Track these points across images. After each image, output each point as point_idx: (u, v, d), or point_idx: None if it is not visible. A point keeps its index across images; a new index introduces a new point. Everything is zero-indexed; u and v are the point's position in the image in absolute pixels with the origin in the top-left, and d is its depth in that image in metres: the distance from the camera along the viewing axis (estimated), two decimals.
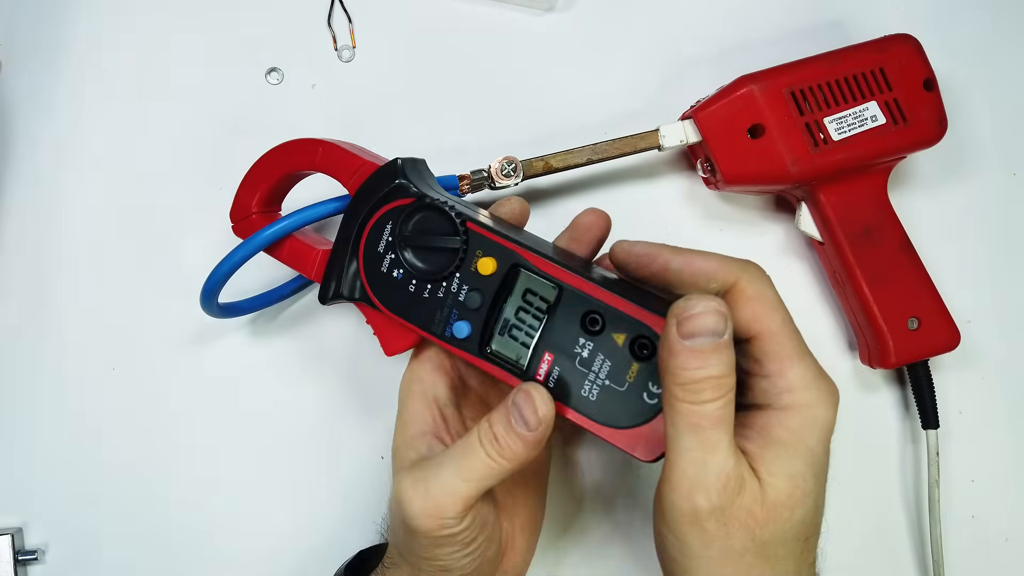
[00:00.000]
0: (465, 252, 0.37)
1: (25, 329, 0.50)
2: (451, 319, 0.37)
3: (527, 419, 0.34)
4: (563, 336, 0.36)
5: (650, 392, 0.34)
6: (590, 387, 0.35)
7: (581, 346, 0.35)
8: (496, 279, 0.36)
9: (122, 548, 0.49)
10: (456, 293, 0.37)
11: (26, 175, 0.51)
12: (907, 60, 0.45)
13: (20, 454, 0.49)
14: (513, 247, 0.36)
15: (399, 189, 0.38)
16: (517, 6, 0.52)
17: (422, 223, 0.37)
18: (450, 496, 0.34)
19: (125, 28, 0.52)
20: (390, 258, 0.38)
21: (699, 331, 0.31)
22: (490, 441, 0.34)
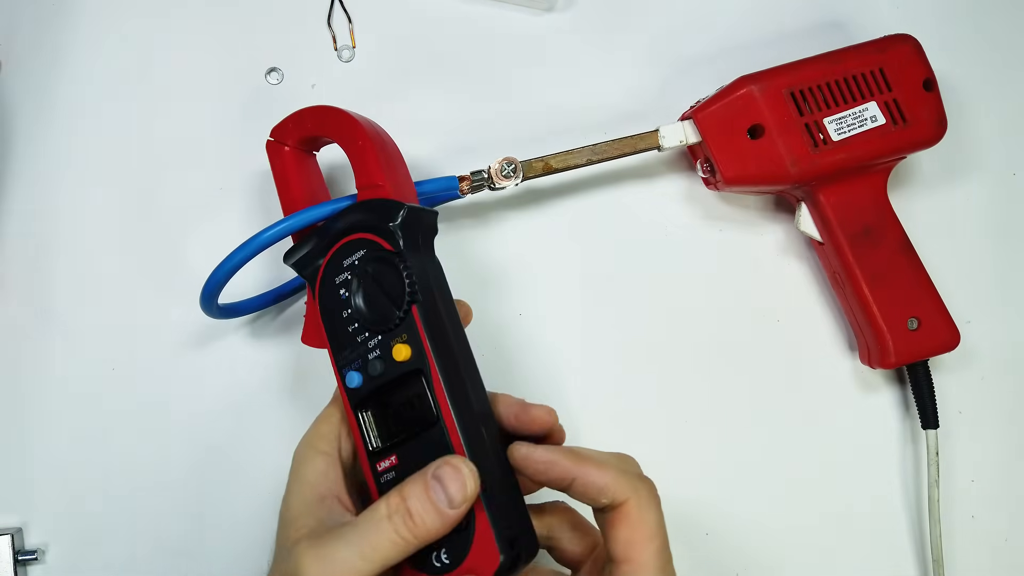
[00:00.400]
0: (396, 326, 0.36)
1: (25, 329, 0.50)
2: (354, 364, 0.38)
3: (452, 496, 0.33)
4: (413, 454, 0.35)
5: (440, 560, 0.34)
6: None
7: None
8: (402, 367, 0.36)
9: (122, 548, 0.49)
10: (369, 351, 0.37)
11: (26, 175, 0.51)
12: (907, 60, 0.45)
13: (20, 454, 0.49)
14: (431, 357, 0.36)
15: (389, 234, 0.37)
16: (517, 6, 0.52)
17: (384, 274, 0.37)
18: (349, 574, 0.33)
19: (125, 28, 0.52)
20: (346, 277, 0.38)
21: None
22: (402, 516, 0.33)
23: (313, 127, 0.42)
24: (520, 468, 0.36)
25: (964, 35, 0.52)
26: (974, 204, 0.51)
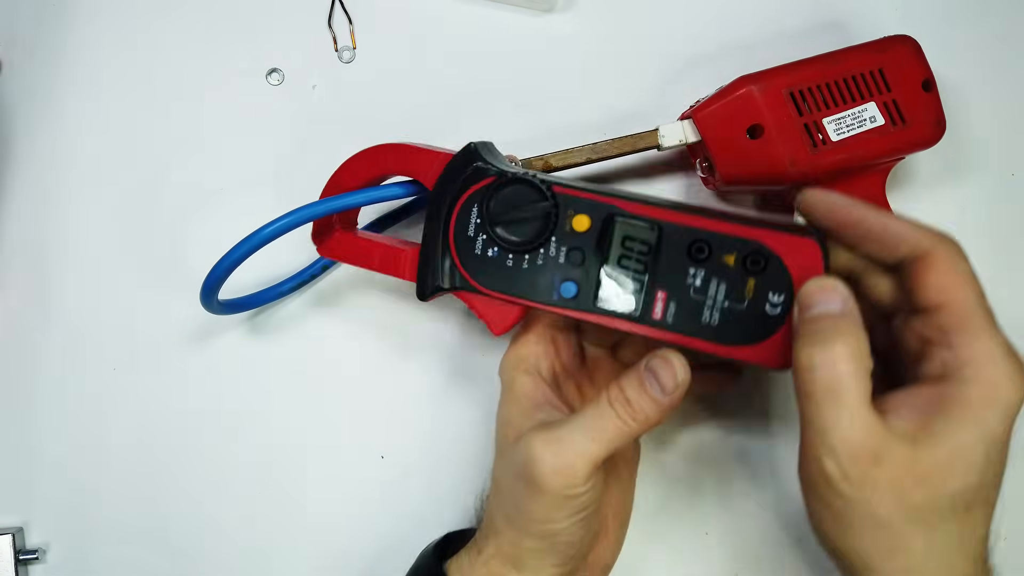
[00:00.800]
0: (557, 215, 0.38)
1: (25, 328, 0.50)
2: (556, 282, 0.38)
3: (664, 384, 0.35)
4: (671, 272, 0.37)
5: (771, 303, 0.36)
6: (710, 313, 0.36)
7: (692, 276, 0.36)
8: (593, 233, 0.38)
9: (122, 548, 0.49)
10: (556, 256, 0.38)
11: (26, 175, 0.51)
12: (906, 61, 0.45)
13: (20, 454, 0.50)
14: (604, 199, 0.37)
15: (478, 172, 0.39)
16: (517, 6, 0.52)
17: (508, 198, 0.38)
18: (582, 456, 0.35)
19: (125, 28, 0.52)
20: (483, 239, 0.39)
21: (814, 303, 0.33)
22: (622, 404, 0.36)
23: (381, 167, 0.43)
24: (811, 208, 0.36)
25: (964, 36, 0.52)
26: (973, 205, 0.51)
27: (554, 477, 0.35)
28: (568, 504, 0.36)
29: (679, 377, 0.35)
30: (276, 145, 0.50)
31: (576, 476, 0.35)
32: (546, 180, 0.38)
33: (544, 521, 0.37)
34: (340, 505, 0.49)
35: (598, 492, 0.37)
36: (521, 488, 0.37)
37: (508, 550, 0.38)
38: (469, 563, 0.39)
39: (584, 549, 0.39)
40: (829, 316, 0.32)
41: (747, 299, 0.36)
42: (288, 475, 0.50)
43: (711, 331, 0.36)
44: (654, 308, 0.37)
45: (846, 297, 0.33)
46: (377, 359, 0.50)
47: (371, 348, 0.50)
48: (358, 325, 0.50)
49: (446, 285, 0.40)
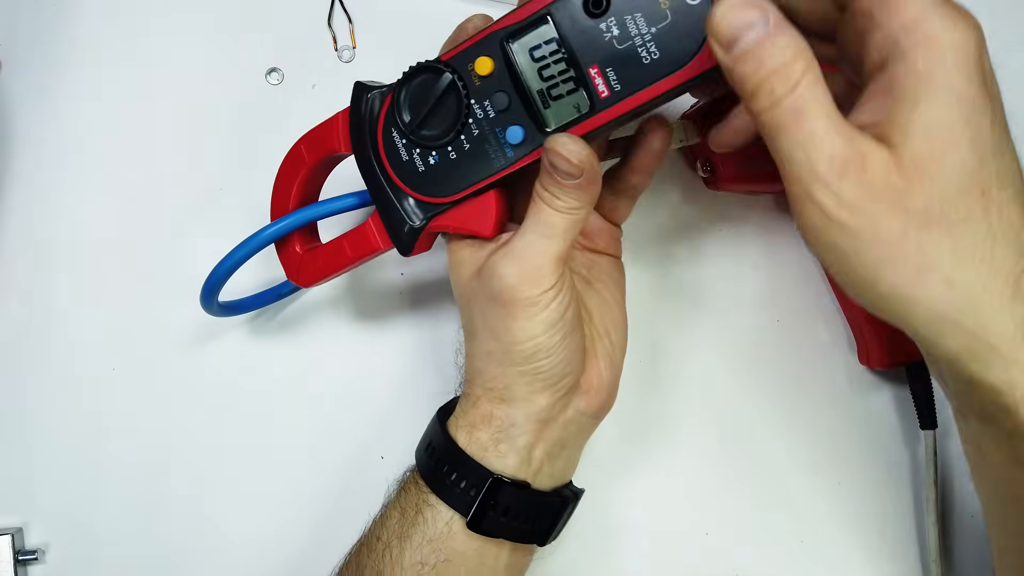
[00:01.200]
0: (460, 78, 0.36)
1: (25, 329, 0.50)
2: (501, 138, 0.36)
3: (568, 171, 0.34)
4: (588, 43, 0.34)
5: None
6: (646, 50, 0.33)
7: (607, 31, 0.34)
8: (500, 68, 0.35)
9: (122, 548, 0.49)
10: (485, 115, 0.36)
11: (26, 175, 0.51)
12: None
13: (20, 454, 0.50)
14: (486, 32, 0.35)
15: (376, 99, 0.38)
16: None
17: (413, 98, 0.37)
18: (541, 255, 0.36)
19: (125, 28, 0.52)
20: (417, 153, 0.37)
21: (738, 33, 0.28)
22: (551, 199, 0.35)
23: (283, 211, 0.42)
24: None
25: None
26: None
27: (522, 285, 0.36)
28: (542, 313, 0.36)
29: (575, 159, 0.34)
30: (276, 145, 0.50)
31: (543, 276, 0.36)
32: (432, 59, 0.37)
33: (524, 340, 0.37)
34: (341, 505, 0.49)
35: (569, 297, 0.37)
36: (493, 313, 0.37)
37: (494, 385, 0.38)
38: (463, 412, 0.40)
39: (570, 369, 0.38)
40: (761, 39, 0.28)
41: (666, 8, 0.33)
42: (289, 475, 0.50)
43: (661, 66, 0.33)
44: (597, 89, 0.34)
45: (766, 7, 0.28)
46: (378, 360, 0.50)
47: (372, 349, 0.50)
48: (359, 326, 0.50)
49: (417, 223, 0.39)
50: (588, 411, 0.40)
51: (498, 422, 0.39)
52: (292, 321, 0.50)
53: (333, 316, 0.50)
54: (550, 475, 0.40)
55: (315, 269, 0.42)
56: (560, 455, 0.40)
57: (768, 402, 0.49)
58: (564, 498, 0.41)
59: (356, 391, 0.50)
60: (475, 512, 0.38)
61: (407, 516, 0.39)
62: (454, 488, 0.38)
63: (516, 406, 0.38)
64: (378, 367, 0.50)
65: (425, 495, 0.39)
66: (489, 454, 0.39)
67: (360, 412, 0.50)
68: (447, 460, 0.39)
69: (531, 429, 0.38)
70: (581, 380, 0.40)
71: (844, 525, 0.48)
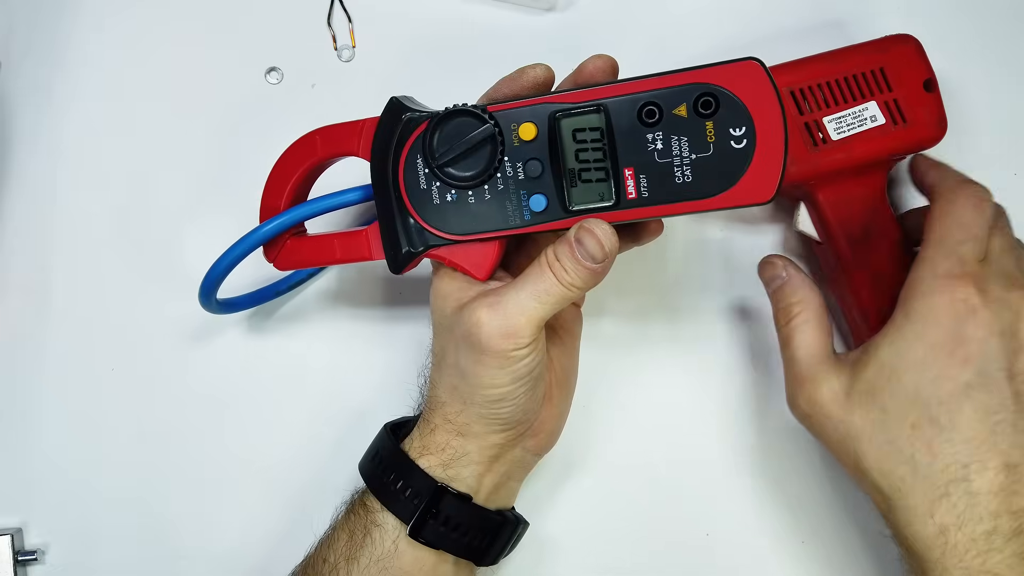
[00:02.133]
0: (501, 133, 0.37)
1: (24, 329, 0.50)
2: (523, 201, 0.37)
3: (593, 254, 0.36)
4: (631, 146, 0.36)
5: (735, 138, 0.35)
6: (681, 172, 0.36)
7: (652, 142, 0.36)
8: (542, 138, 0.37)
9: (122, 548, 0.49)
10: (514, 175, 0.37)
11: (25, 175, 0.51)
12: (907, 60, 0.45)
13: (20, 454, 0.50)
14: (540, 101, 0.37)
15: (411, 122, 0.38)
16: (517, 6, 0.52)
17: (449, 135, 0.37)
18: (525, 316, 0.36)
19: (124, 28, 0.52)
20: (437, 187, 0.38)
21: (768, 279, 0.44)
22: (560, 271, 0.36)
23: (277, 199, 0.42)
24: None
25: (965, 36, 0.51)
26: None
27: (500, 339, 0.36)
28: (512, 367, 0.37)
29: (606, 247, 0.36)
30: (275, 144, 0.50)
31: (521, 336, 0.36)
32: (479, 104, 0.37)
33: (489, 386, 0.38)
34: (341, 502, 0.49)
35: (541, 355, 0.38)
36: (466, 355, 0.38)
37: (454, 419, 0.39)
38: (419, 435, 0.41)
39: (529, 417, 0.40)
40: (780, 286, 0.43)
41: (711, 143, 0.35)
42: (289, 474, 0.50)
43: (689, 189, 0.36)
44: (627, 189, 0.36)
45: (787, 264, 0.43)
46: (377, 357, 0.50)
47: (370, 345, 0.50)
48: (358, 322, 0.50)
49: (416, 248, 0.39)
50: (534, 449, 0.42)
51: (451, 451, 0.40)
52: (291, 318, 0.50)
53: (332, 312, 0.50)
54: (492, 501, 0.41)
55: (298, 257, 0.42)
56: (505, 485, 0.42)
57: (767, 400, 0.49)
58: (506, 518, 0.42)
59: (354, 388, 0.50)
60: (416, 519, 0.39)
61: (355, 538, 0.40)
62: (399, 495, 0.39)
63: (471, 440, 0.39)
64: (376, 364, 0.50)
65: (373, 515, 0.40)
66: (436, 474, 0.40)
67: (358, 410, 0.50)
68: (393, 468, 0.40)
69: (482, 461, 0.40)
70: (535, 424, 0.41)
71: (842, 524, 0.48)
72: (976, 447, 0.36)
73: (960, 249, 0.38)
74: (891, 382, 0.37)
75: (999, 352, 0.36)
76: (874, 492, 0.39)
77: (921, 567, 0.37)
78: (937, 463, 0.36)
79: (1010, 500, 0.35)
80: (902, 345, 0.37)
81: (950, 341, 0.36)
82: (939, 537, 0.36)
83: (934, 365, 0.37)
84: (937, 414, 0.36)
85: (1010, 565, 0.35)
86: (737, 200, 0.35)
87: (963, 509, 0.36)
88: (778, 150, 0.35)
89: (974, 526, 0.36)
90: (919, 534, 0.37)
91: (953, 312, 0.36)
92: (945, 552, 0.36)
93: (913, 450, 0.37)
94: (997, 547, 0.35)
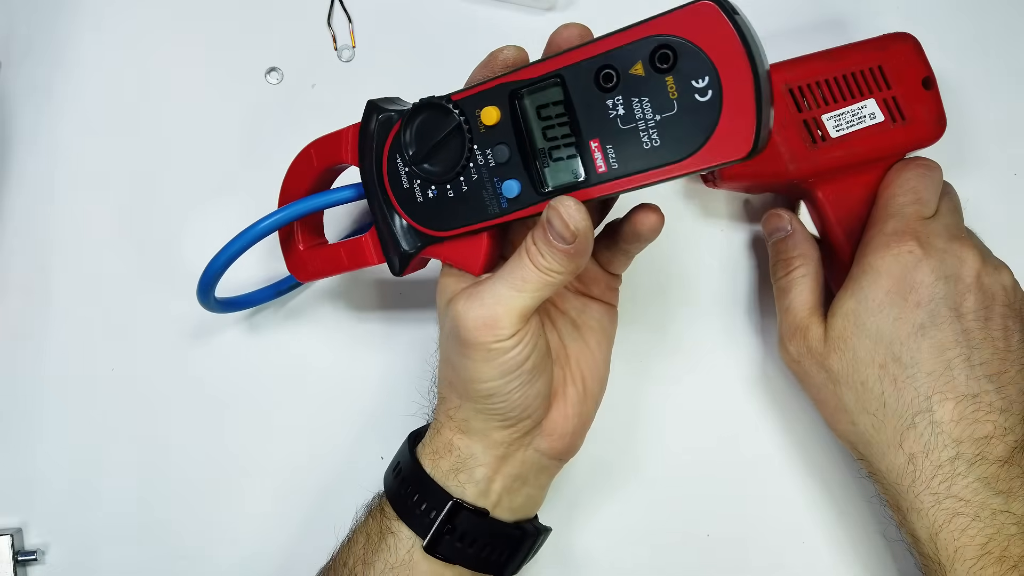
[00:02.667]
0: (467, 121, 0.36)
1: (24, 329, 0.50)
2: (498, 188, 0.36)
3: (561, 233, 0.34)
4: (593, 115, 0.34)
5: (699, 90, 0.32)
6: (648, 136, 0.33)
7: (613, 108, 0.33)
8: (506, 120, 0.35)
9: (122, 548, 0.49)
10: (486, 162, 0.36)
11: (25, 175, 0.51)
12: (906, 58, 0.45)
13: (20, 454, 0.50)
14: (497, 82, 0.35)
15: (386, 123, 0.38)
16: (517, 6, 0.52)
17: (419, 131, 0.37)
18: (503, 306, 0.35)
19: (124, 28, 0.52)
20: (417, 184, 0.37)
21: (773, 230, 0.46)
22: (536, 255, 0.35)
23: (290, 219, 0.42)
24: None
25: (964, 35, 0.51)
26: (974, 204, 0.51)
27: (478, 330, 0.36)
28: (497, 359, 0.36)
29: (572, 224, 0.34)
30: (275, 144, 0.50)
31: (501, 327, 0.35)
32: (444, 95, 0.36)
33: (477, 380, 0.37)
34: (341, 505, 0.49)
35: (531, 348, 0.37)
36: (454, 348, 0.37)
37: (455, 415, 0.39)
38: (429, 439, 0.40)
39: (531, 412, 0.39)
40: (783, 237, 0.45)
41: (675, 100, 0.32)
42: (289, 474, 0.49)
43: (659, 154, 0.33)
44: (596, 162, 0.34)
45: (792, 217, 0.45)
46: (378, 357, 0.50)
47: (372, 346, 0.50)
48: (359, 323, 0.50)
49: (410, 249, 0.39)
50: (549, 452, 0.41)
51: (458, 452, 0.39)
52: (292, 317, 0.50)
53: (333, 312, 0.50)
54: (510, 509, 0.40)
55: (313, 268, 0.43)
56: (520, 491, 0.41)
57: (767, 400, 0.49)
58: (524, 531, 0.41)
59: (355, 389, 0.50)
60: (432, 535, 0.38)
61: (372, 542, 0.40)
62: (415, 510, 0.39)
63: (474, 438, 0.39)
64: (377, 364, 0.50)
65: (389, 521, 0.40)
66: (450, 482, 0.39)
67: (359, 410, 0.50)
68: (411, 482, 0.40)
69: (489, 462, 0.39)
70: (544, 422, 0.40)
71: (841, 524, 0.48)
72: (935, 380, 0.39)
73: (906, 210, 0.42)
74: (857, 327, 0.41)
75: (946, 295, 0.40)
76: (851, 432, 0.42)
77: (895, 499, 0.41)
78: (904, 397, 0.40)
79: (972, 428, 0.39)
80: (861, 295, 0.41)
81: (903, 287, 0.40)
82: (908, 465, 0.39)
83: (891, 309, 0.40)
84: (899, 353, 0.40)
85: (975, 490, 0.38)
86: (712, 159, 0.32)
87: (928, 438, 0.39)
88: (748, 97, 0.31)
89: (939, 453, 0.39)
90: (892, 464, 0.40)
91: (901, 262, 0.40)
92: (915, 480, 0.39)
93: (883, 387, 0.40)
94: (961, 472, 0.38)
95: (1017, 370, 0.40)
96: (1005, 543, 0.37)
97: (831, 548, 0.48)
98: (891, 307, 0.41)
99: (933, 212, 0.43)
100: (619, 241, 0.40)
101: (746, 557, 0.48)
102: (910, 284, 0.40)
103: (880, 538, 0.48)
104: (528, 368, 0.37)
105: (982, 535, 0.38)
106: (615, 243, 0.41)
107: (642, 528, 0.49)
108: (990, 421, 0.39)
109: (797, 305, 0.44)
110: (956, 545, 0.38)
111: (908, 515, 0.40)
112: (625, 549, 0.49)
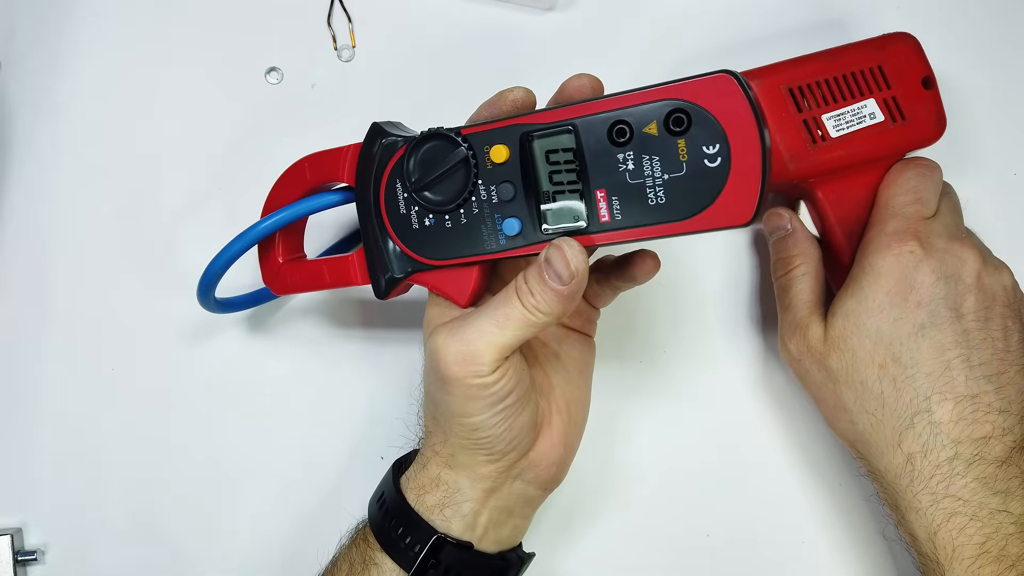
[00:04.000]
0: (475, 155, 0.36)
1: (24, 329, 0.50)
2: (498, 225, 0.36)
3: (560, 273, 0.34)
4: (603, 167, 0.34)
5: (708, 156, 0.33)
6: (654, 193, 0.34)
7: (623, 162, 0.34)
8: (514, 160, 0.36)
9: (122, 548, 0.49)
10: (488, 198, 0.36)
11: (26, 175, 0.51)
12: (906, 58, 0.45)
13: (20, 454, 0.50)
14: (512, 122, 0.36)
15: (389, 147, 0.38)
16: (517, 6, 0.52)
17: (424, 160, 0.37)
18: (483, 342, 0.35)
19: (124, 28, 0.52)
20: (415, 211, 0.38)
21: (773, 229, 0.46)
22: (526, 294, 0.35)
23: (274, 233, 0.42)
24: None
25: (964, 35, 0.51)
26: (974, 204, 0.51)
27: (457, 365, 0.35)
28: (479, 395, 0.36)
29: (572, 265, 0.34)
30: (275, 144, 0.51)
31: (481, 363, 0.35)
32: (453, 128, 0.37)
33: (460, 415, 0.37)
34: (340, 504, 0.49)
35: (514, 383, 0.37)
36: (435, 383, 0.37)
37: (440, 450, 0.39)
38: (415, 474, 0.40)
39: (516, 444, 0.38)
40: (783, 236, 0.45)
41: (684, 162, 0.33)
42: (289, 474, 0.50)
43: (663, 212, 0.34)
44: (599, 211, 0.35)
45: (792, 216, 0.45)
46: (378, 358, 0.50)
47: (371, 346, 0.50)
48: (359, 323, 0.50)
49: (398, 274, 0.39)
50: (536, 482, 0.41)
51: (445, 487, 0.39)
52: (291, 318, 0.50)
53: (333, 312, 0.50)
54: (496, 541, 0.40)
55: (292, 282, 0.43)
56: (506, 523, 0.41)
57: (768, 400, 0.49)
58: (508, 561, 0.41)
59: (355, 389, 0.50)
60: (416, 569, 0.38)
61: (355, 570, 0.40)
62: (399, 543, 0.39)
63: (461, 472, 0.39)
64: (378, 365, 0.50)
65: (373, 552, 0.40)
66: (435, 517, 0.39)
67: (359, 411, 0.50)
68: (395, 515, 0.39)
69: (476, 496, 0.39)
70: (531, 453, 0.40)
71: (841, 524, 0.48)
72: (935, 380, 0.40)
73: (906, 210, 0.42)
74: (857, 327, 0.41)
75: (946, 295, 0.40)
76: (850, 431, 0.43)
77: (893, 498, 0.41)
78: (902, 397, 0.40)
79: (971, 428, 0.39)
80: (861, 295, 0.41)
81: (903, 287, 0.40)
82: (907, 465, 0.40)
83: (892, 309, 0.40)
84: (899, 353, 0.40)
85: (973, 490, 0.38)
86: (713, 222, 0.33)
87: (927, 438, 0.39)
88: (755, 168, 0.32)
89: (937, 453, 0.39)
90: (890, 464, 0.40)
91: (902, 263, 0.41)
92: (913, 479, 0.39)
93: (882, 387, 0.40)
94: (959, 472, 0.38)
95: (1016, 371, 0.40)
96: (1003, 542, 0.37)
97: (831, 547, 0.48)
98: (891, 307, 0.41)
99: (933, 212, 0.43)
100: (612, 279, 0.41)
101: (746, 557, 0.48)
102: (910, 284, 0.40)
103: (879, 537, 0.48)
104: (511, 402, 0.37)
105: (980, 534, 0.38)
106: (606, 280, 0.42)
107: (642, 528, 0.49)
108: (989, 421, 0.39)
109: (797, 303, 0.44)
110: (954, 544, 0.38)
111: (906, 514, 0.40)
112: (625, 549, 0.49)
